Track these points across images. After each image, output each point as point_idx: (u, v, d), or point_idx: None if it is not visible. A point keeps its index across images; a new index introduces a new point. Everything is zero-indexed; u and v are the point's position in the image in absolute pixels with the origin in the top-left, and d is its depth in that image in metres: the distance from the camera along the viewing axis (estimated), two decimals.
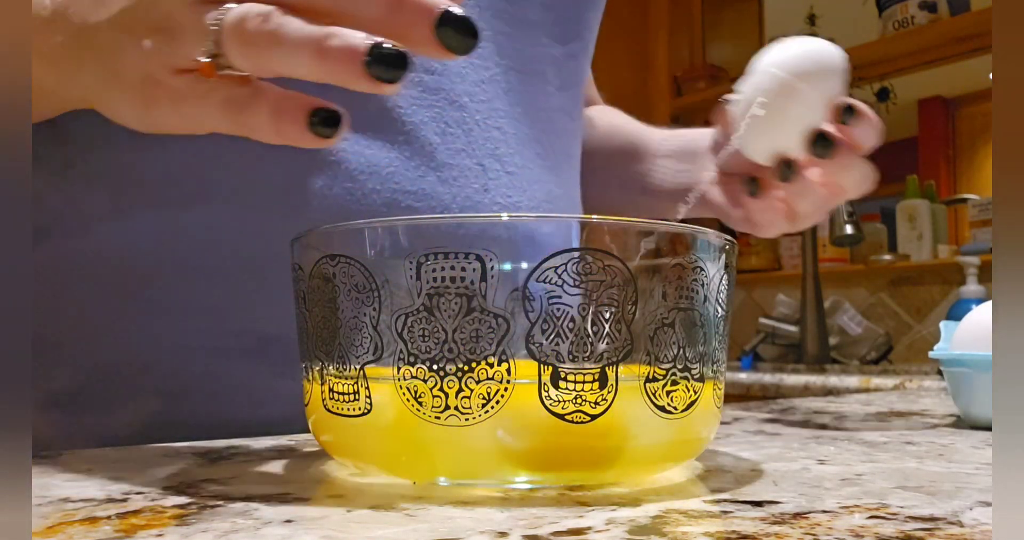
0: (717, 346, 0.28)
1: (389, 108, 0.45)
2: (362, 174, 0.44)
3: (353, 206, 0.43)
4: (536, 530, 0.20)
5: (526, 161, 0.50)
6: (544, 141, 0.52)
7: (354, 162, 0.43)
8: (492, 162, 0.48)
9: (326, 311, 0.27)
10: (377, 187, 0.44)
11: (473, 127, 0.47)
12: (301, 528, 0.21)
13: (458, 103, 0.47)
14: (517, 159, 0.49)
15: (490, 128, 0.48)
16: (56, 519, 0.22)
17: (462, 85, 0.47)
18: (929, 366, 1.59)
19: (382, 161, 0.44)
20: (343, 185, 0.43)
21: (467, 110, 0.47)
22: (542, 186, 0.50)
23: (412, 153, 0.45)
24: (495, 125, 0.49)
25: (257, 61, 0.27)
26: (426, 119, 0.46)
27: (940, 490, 0.26)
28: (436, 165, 0.45)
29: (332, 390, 0.27)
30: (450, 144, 0.46)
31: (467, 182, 0.46)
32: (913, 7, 1.82)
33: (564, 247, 0.24)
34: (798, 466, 0.31)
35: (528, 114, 0.51)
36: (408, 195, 0.44)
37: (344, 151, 0.43)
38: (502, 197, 0.48)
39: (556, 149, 0.53)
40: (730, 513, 0.23)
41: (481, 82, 0.48)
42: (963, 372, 0.46)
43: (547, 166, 0.52)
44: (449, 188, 0.46)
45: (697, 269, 0.26)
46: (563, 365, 0.24)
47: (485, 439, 0.24)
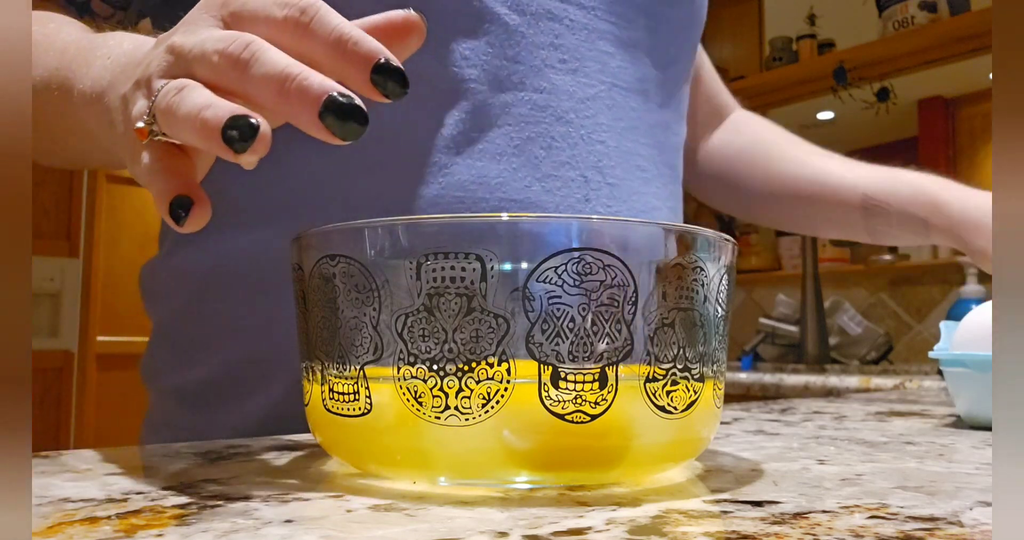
0: (717, 346, 0.28)
1: (499, 125, 0.49)
2: (472, 184, 0.48)
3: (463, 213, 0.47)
4: (536, 530, 0.20)
5: (627, 173, 0.53)
6: (645, 154, 0.55)
7: (465, 174, 0.48)
8: (594, 174, 0.51)
9: (326, 311, 0.27)
10: (486, 196, 0.48)
11: (578, 141, 0.51)
12: (301, 528, 0.21)
13: (564, 119, 0.50)
14: (618, 171, 0.52)
15: (594, 142, 0.52)
16: (56, 519, 0.22)
17: (568, 102, 0.51)
18: (929, 366, 1.59)
19: (491, 172, 0.48)
20: (454, 194, 0.47)
21: (572, 125, 0.51)
22: (641, 197, 0.54)
23: (519, 165, 0.49)
24: (599, 139, 0.52)
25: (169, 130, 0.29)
26: (534, 135, 0.49)
27: (940, 490, 0.26)
28: (541, 176, 0.49)
29: (332, 390, 0.27)
30: (555, 157, 0.50)
31: (570, 192, 0.50)
32: (913, 7, 1.82)
33: (563, 247, 0.24)
34: (798, 466, 0.31)
35: (630, 129, 0.54)
36: (514, 203, 0.48)
37: (457, 164, 0.47)
38: (603, 206, 0.51)
39: (657, 162, 0.56)
40: (730, 513, 0.23)
41: (586, 99, 0.52)
42: (963, 372, 0.46)
43: (646, 178, 0.55)
44: (552, 197, 0.49)
45: (697, 269, 0.26)
46: (563, 365, 0.24)
47: (485, 439, 0.24)
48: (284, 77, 0.27)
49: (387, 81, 0.28)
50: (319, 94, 0.26)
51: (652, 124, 0.56)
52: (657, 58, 0.57)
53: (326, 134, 0.27)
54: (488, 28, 0.49)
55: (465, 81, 0.48)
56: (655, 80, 0.57)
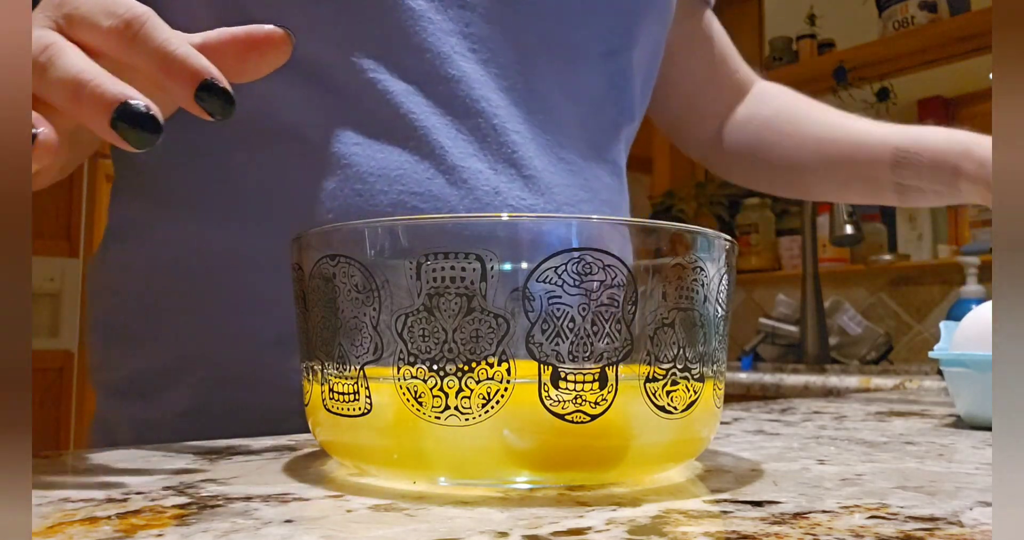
0: (717, 346, 0.28)
1: (402, 114, 0.47)
2: (371, 176, 0.46)
3: (362, 206, 0.46)
4: (536, 530, 0.20)
5: (546, 165, 0.51)
6: (570, 146, 0.53)
7: (364, 165, 0.46)
8: (506, 166, 0.49)
9: (326, 311, 0.27)
10: (385, 188, 0.46)
11: (489, 132, 0.49)
12: (301, 528, 0.21)
13: (474, 110, 0.49)
14: (535, 163, 0.50)
15: (508, 132, 0.50)
16: (56, 519, 0.22)
17: (480, 91, 0.49)
18: (929, 366, 1.59)
19: (392, 164, 0.47)
20: (353, 187, 0.46)
21: (483, 116, 0.49)
22: (567, 190, 0.52)
23: (422, 156, 0.47)
24: (513, 130, 0.50)
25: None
26: (438, 124, 0.48)
27: (940, 490, 0.26)
28: (446, 168, 0.47)
29: (332, 390, 0.27)
30: (463, 148, 0.48)
31: (477, 184, 0.48)
32: (913, 7, 1.82)
33: (563, 247, 0.24)
34: (798, 466, 0.31)
35: (551, 121, 0.52)
36: (415, 196, 0.47)
37: (356, 155, 0.46)
38: (515, 199, 0.49)
39: (586, 154, 0.54)
40: (730, 513, 0.23)
41: (500, 89, 0.50)
42: (963, 372, 0.46)
43: (572, 170, 0.53)
44: (458, 190, 0.47)
45: (697, 269, 0.26)
46: (563, 365, 0.24)
47: (485, 439, 0.24)
48: (77, 82, 0.27)
49: (212, 99, 0.28)
50: (112, 101, 0.26)
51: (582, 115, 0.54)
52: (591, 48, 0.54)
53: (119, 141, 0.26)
54: (393, 14, 0.47)
55: (367, 70, 0.47)
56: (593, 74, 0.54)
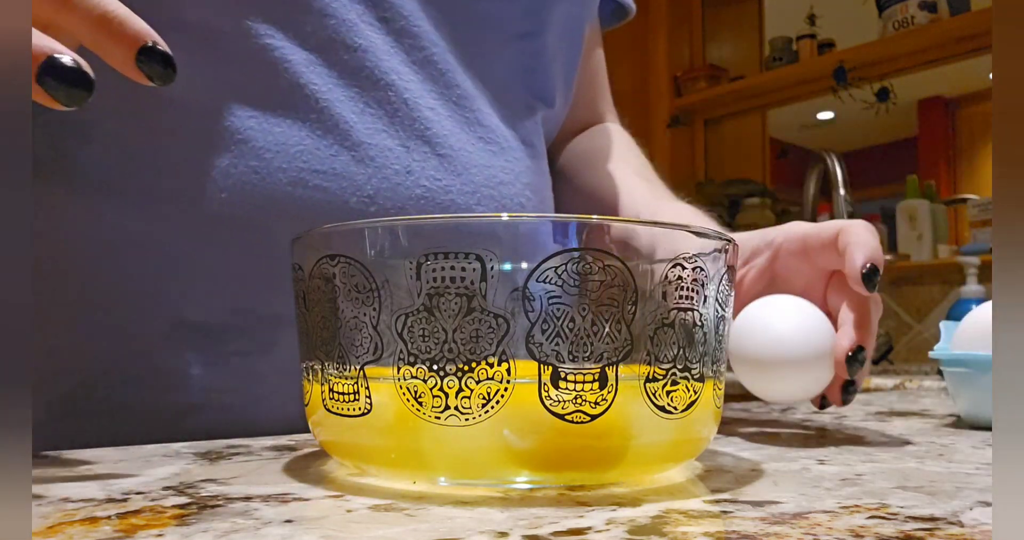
0: (717, 346, 0.28)
1: (302, 85, 0.44)
2: (268, 152, 0.43)
3: (259, 184, 0.43)
4: (536, 530, 0.20)
5: (464, 144, 0.48)
6: (490, 125, 0.50)
7: (261, 140, 0.43)
8: (420, 144, 0.46)
9: (326, 311, 0.27)
10: (284, 165, 0.43)
11: (400, 107, 0.46)
12: (301, 528, 0.21)
13: (383, 82, 0.46)
14: (452, 141, 0.48)
15: (420, 108, 0.47)
16: (56, 519, 0.22)
17: (389, 63, 0.46)
18: (929, 366, 1.59)
19: (291, 139, 0.43)
20: (248, 163, 0.42)
21: (393, 89, 0.46)
22: (484, 171, 0.49)
23: (325, 131, 0.44)
24: (427, 105, 0.47)
25: None
26: (343, 97, 0.45)
27: (940, 490, 0.26)
28: (351, 144, 0.44)
29: (332, 390, 0.27)
30: (369, 123, 0.45)
31: (386, 162, 0.45)
32: (913, 7, 1.82)
33: (563, 247, 0.24)
34: (798, 466, 0.31)
35: (469, 97, 0.49)
36: (317, 174, 0.43)
37: (252, 129, 0.43)
38: (428, 180, 0.46)
39: (507, 135, 0.52)
40: (730, 513, 0.23)
41: (413, 62, 0.47)
42: (963, 372, 0.46)
43: (491, 151, 0.50)
44: (365, 168, 0.45)
45: (697, 269, 0.26)
46: (563, 365, 0.24)
47: (485, 439, 0.24)
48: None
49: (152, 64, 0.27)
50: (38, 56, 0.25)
51: (500, 93, 0.52)
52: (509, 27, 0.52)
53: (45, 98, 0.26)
54: None
55: (262, 35, 0.43)
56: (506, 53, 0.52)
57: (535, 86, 0.55)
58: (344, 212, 0.44)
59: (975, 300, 1.42)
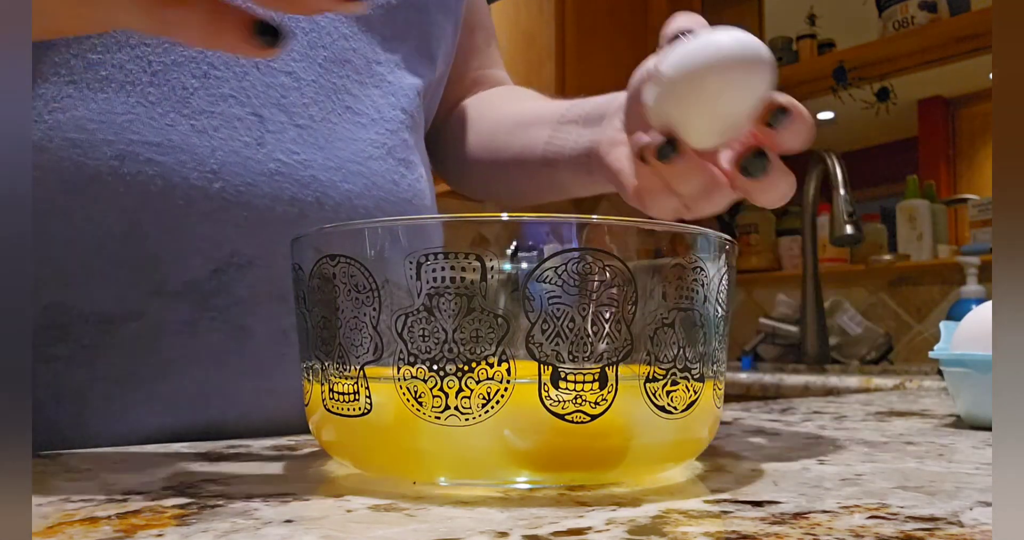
0: (717, 346, 0.28)
1: (132, 45, 0.39)
2: (91, 123, 0.38)
3: (79, 160, 0.37)
4: (536, 530, 0.20)
5: (327, 114, 0.44)
6: (359, 94, 0.46)
7: (81, 109, 0.37)
8: (275, 112, 0.42)
9: (326, 311, 0.27)
10: (110, 138, 0.38)
11: (249, 70, 0.42)
12: (301, 528, 0.21)
13: None
14: (314, 110, 0.43)
15: (276, 73, 0.42)
16: (56, 519, 0.22)
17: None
18: (929, 366, 1.59)
19: (118, 107, 0.38)
20: (67, 136, 0.37)
21: None
22: (352, 145, 0.45)
23: (159, 98, 0.39)
24: (284, 70, 0.43)
25: None
26: (181, 59, 0.40)
27: (940, 490, 0.26)
28: (190, 112, 0.39)
29: (332, 390, 0.27)
30: (214, 89, 0.40)
31: (233, 134, 0.40)
32: (913, 7, 1.82)
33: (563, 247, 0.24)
34: (798, 466, 0.31)
35: (338, 62, 0.45)
36: (149, 147, 0.38)
37: (70, 97, 0.37)
38: (284, 153, 0.42)
39: (380, 105, 0.48)
40: (730, 513, 0.23)
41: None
42: (963, 372, 0.46)
43: (362, 123, 0.46)
44: (208, 140, 0.40)
45: (697, 269, 0.26)
46: (563, 365, 0.24)
47: (485, 439, 0.24)
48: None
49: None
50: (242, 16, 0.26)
51: (374, 59, 0.47)
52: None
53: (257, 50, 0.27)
54: None
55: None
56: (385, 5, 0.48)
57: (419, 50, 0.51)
58: (183, 190, 0.39)
59: (975, 300, 1.42)
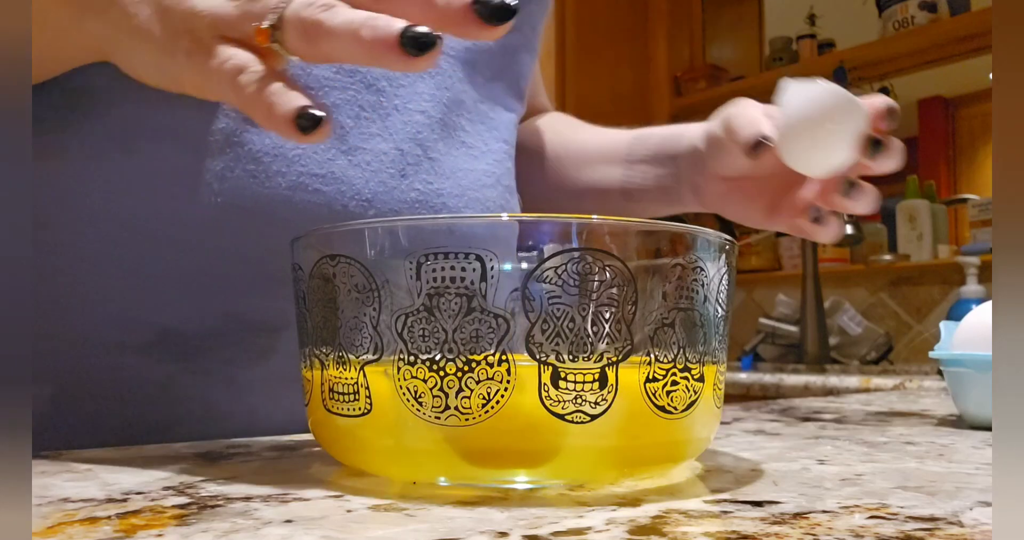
0: (717, 346, 0.28)
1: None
2: (266, 156, 0.43)
3: (256, 189, 0.42)
4: (536, 530, 0.20)
5: (450, 148, 0.49)
6: (472, 130, 0.51)
7: (257, 144, 0.42)
8: (412, 147, 0.47)
9: (326, 311, 0.27)
10: (282, 169, 0.43)
11: (391, 111, 0.47)
12: (301, 528, 0.21)
13: (375, 86, 0.46)
14: (441, 145, 0.48)
15: (412, 112, 0.47)
16: (56, 519, 0.22)
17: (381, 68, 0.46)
18: (929, 366, 1.59)
19: (288, 143, 0.43)
20: (245, 167, 0.42)
21: (384, 94, 0.47)
22: (469, 175, 0.50)
23: None
24: (418, 109, 0.48)
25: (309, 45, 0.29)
26: (339, 101, 0.45)
27: (940, 490, 0.26)
28: (347, 149, 0.45)
29: (332, 390, 0.27)
30: (364, 128, 0.45)
31: (381, 166, 0.46)
32: (913, 7, 1.82)
33: (563, 247, 0.24)
34: (798, 466, 0.31)
35: (455, 102, 0.50)
36: (315, 178, 0.43)
37: (248, 132, 0.42)
38: (421, 183, 0.47)
39: (486, 138, 0.53)
40: (730, 513, 0.23)
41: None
42: (963, 372, 0.46)
43: (474, 155, 0.51)
44: (361, 172, 0.45)
45: (697, 269, 0.26)
46: (563, 365, 0.24)
47: (485, 439, 0.24)
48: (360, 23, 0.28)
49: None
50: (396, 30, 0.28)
51: (481, 97, 0.53)
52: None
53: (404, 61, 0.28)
54: None
55: None
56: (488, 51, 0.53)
57: (511, 87, 0.56)
58: (342, 216, 0.44)
59: (975, 300, 1.42)
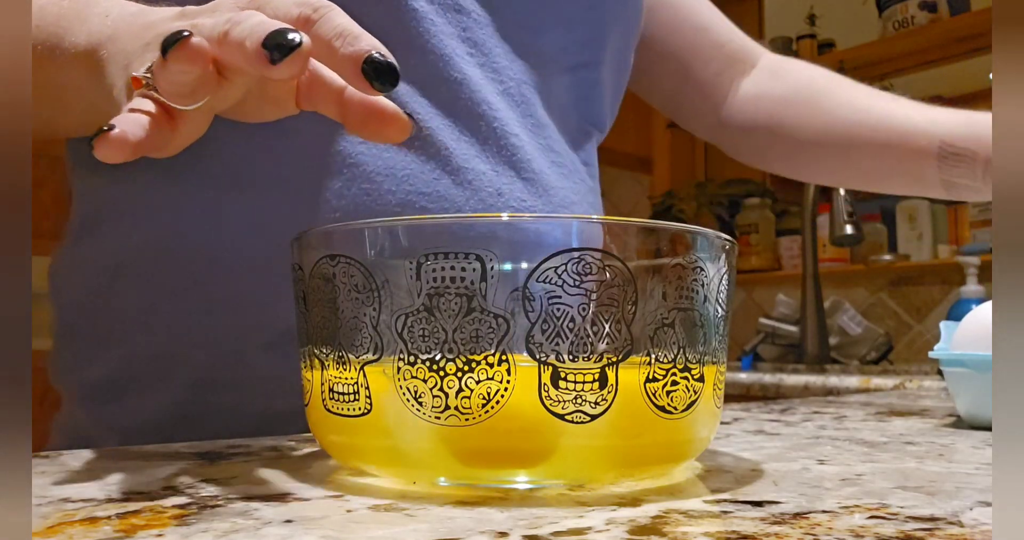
0: (717, 346, 0.28)
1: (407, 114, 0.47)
2: (379, 176, 0.46)
3: (370, 205, 0.46)
4: (536, 530, 0.20)
5: (542, 168, 0.52)
6: (557, 150, 0.55)
7: (371, 165, 0.46)
8: (506, 168, 0.50)
9: (326, 311, 0.27)
10: (393, 188, 0.46)
11: (489, 135, 0.50)
12: (301, 528, 0.21)
13: (475, 112, 0.50)
14: (533, 165, 0.52)
15: (507, 135, 0.51)
16: (56, 519, 0.22)
17: (479, 94, 0.50)
18: (929, 366, 1.59)
19: (398, 164, 0.47)
20: (360, 186, 0.46)
21: (484, 119, 0.50)
22: (560, 192, 0.53)
23: (428, 157, 0.48)
24: (512, 132, 0.51)
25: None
26: (442, 126, 0.48)
27: (940, 490, 0.26)
28: (451, 169, 0.48)
29: (332, 390, 0.27)
30: (465, 150, 0.49)
31: (481, 185, 0.49)
32: (913, 7, 1.82)
33: (563, 247, 0.24)
34: (798, 466, 0.31)
35: (540, 126, 0.54)
36: (423, 196, 0.47)
37: (363, 154, 0.46)
38: (516, 201, 0.50)
39: (572, 158, 0.56)
40: (730, 513, 0.23)
41: (497, 93, 0.51)
42: (963, 372, 0.46)
43: (564, 173, 0.54)
44: (463, 191, 0.48)
45: (697, 269, 0.26)
46: (563, 365, 0.24)
47: (485, 439, 0.24)
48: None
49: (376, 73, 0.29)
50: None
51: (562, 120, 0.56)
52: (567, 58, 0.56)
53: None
54: (397, 14, 0.47)
55: None
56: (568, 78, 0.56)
57: (590, 113, 0.59)
58: None
59: (975, 300, 1.41)
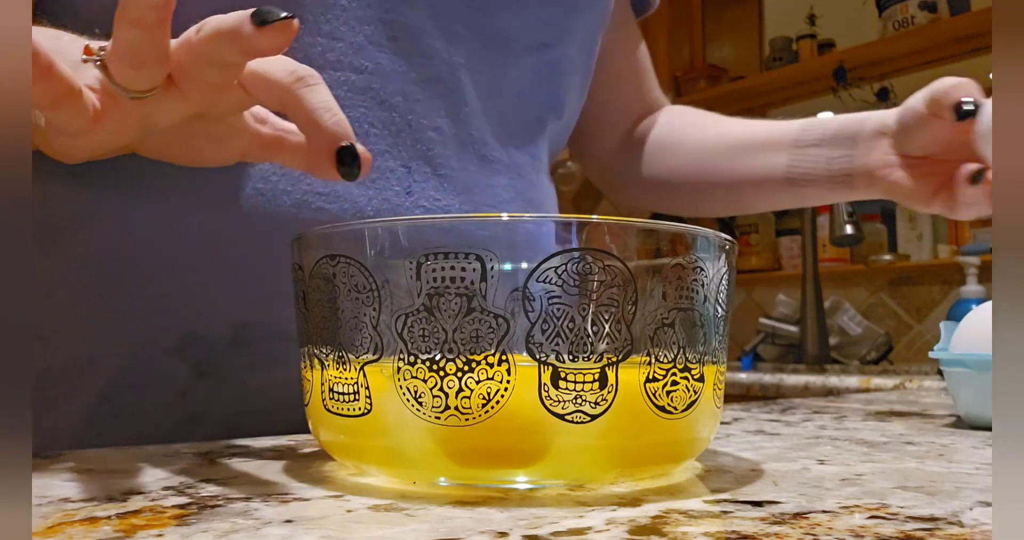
0: (717, 346, 0.28)
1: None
2: (274, 175, 0.44)
3: (264, 207, 0.44)
4: (536, 530, 0.20)
5: (465, 164, 0.49)
6: (494, 143, 0.51)
7: (265, 164, 0.43)
8: (421, 164, 0.47)
9: (326, 311, 0.27)
10: (288, 188, 0.44)
11: (403, 128, 0.47)
12: (301, 528, 0.21)
13: (388, 103, 0.46)
14: (454, 161, 0.49)
15: (424, 129, 0.48)
16: (56, 519, 0.22)
17: (396, 84, 0.47)
18: (929, 366, 1.59)
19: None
20: (254, 186, 0.43)
21: (397, 110, 0.47)
22: (486, 190, 0.50)
23: None
24: (431, 125, 0.48)
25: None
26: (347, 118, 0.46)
27: (940, 490, 0.26)
28: None
29: (332, 390, 0.27)
30: (373, 145, 0.46)
31: (387, 184, 0.46)
32: (913, 7, 1.82)
33: (563, 247, 0.24)
34: (798, 466, 0.31)
35: (476, 115, 0.50)
36: (319, 197, 0.44)
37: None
38: (427, 200, 0.47)
39: (512, 152, 0.52)
40: (730, 513, 0.23)
41: (420, 81, 0.48)
42: (963, 372, 0.46)
43: (496, 169, 0.51)
44: (366, 190, 0.45)
45: (697, 269, 0.26)
46: (563, 365, 0.24)
47: (485, 439, 0.24)
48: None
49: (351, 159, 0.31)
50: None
51: (511, 107, 0.52)
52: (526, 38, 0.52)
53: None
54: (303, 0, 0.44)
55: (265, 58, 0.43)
56: (528, 64, 0.52)
57: (549, 98, 0.55)
58: None
59: (975, 300, 1.42)
